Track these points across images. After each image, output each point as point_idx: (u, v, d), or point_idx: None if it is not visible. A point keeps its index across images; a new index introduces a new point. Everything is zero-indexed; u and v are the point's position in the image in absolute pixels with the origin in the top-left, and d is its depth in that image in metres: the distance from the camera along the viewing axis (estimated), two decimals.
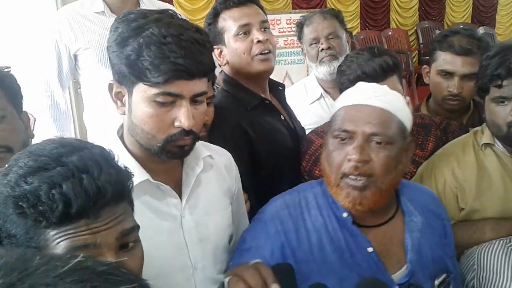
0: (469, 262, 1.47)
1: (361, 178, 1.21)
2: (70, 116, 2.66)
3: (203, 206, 1.35)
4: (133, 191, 0.96)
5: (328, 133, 1.32)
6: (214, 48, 1.88)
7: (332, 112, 1.34)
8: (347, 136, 1.24)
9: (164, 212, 1.28)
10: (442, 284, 1.29)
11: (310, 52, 2.48)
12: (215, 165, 1.42)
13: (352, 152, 1.21)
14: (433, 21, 9.37)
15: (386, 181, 1.23)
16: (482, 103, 2.13)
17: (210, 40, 1.86)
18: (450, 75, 2.07)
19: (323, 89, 2.56)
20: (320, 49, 2.44)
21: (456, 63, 2.05)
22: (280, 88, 2.10)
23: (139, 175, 1.18)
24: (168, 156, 1.23)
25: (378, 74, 1.71)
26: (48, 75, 2.47)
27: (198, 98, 1.20)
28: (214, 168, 1.41)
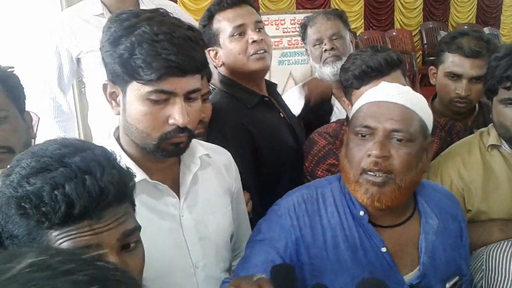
0: (477, 263, 1.47)
1: (380, 174, 1.21)
2: (73, 117, 2.67)
3: (202, 204, 1.35)
4: (135, 190, 0.96)
5: (348, 130, 1.31)
6: (209, 50, 1.89)
7: (354, 109, 1.33)
8: (368, 132, 1.23)
9: (163, 211, 1.28)
10: (453, 287, 1.28)
11: (314, 53, 2.47)
12: (213, 163, 1.42)
13: (372, 148, 1.21)
14: (438, 22, 9.35)
15: (406, 179, 1.22)
16: (487, 105, 2.12)
17: (205, 41, 1.87)
18: (458, 77, 2.05)
19: None
20: (323, 50, 2.43)
21: (464, 65, 2.03)
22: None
23: (136, 175, 1.18)
24: (164, 154, 1.23)
25: (384, 68, 1.71)
26: (49, 79, 2.48)
27: (192, 95, 1.21)
28: (212, 166, 1.41)
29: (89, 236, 0.84)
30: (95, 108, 2.53)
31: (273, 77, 4.05)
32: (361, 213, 1.27)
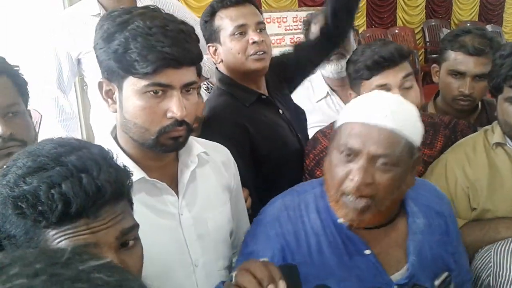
0: (484, 260, 1.46)
1: (361, 201, 1.18)
2: (76, 116, 2.66)
3: (200, 202, 1.35)
4: (132, 188, 0.95)
5: (332, 143, 1.28)
6: (209, 46, 1.89)
7: (340, 122, 1.28)
8: (352, 153, 1.20)
9: (161, 210, 1.27)
10: (442, 284, 1.27)
11: None
12: (211, 161, 1.41)
13: (355, 173, 1.17)
14: (440, 19, 9.33)
15: (386, 203, 1.20)
16: (490, 103, 2.12)
17: (206, 37, 1.87)
18: (461, 75, 2.04)
19: (330, 87, 2.55)
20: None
21: (468, 63, 2.02)
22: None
23: (135, 173, 1.18)
24: (163, 149, 1.23)
25: (395, 57, 1.72)
26: (49, 81, 2.48)
27: (188, 88, 1.21)
28: (210, 164, 1.41)
29: (86, 235, 0.84)
30: (97, 108, 2.53)
31: None
32: (339, 220, 1.25)
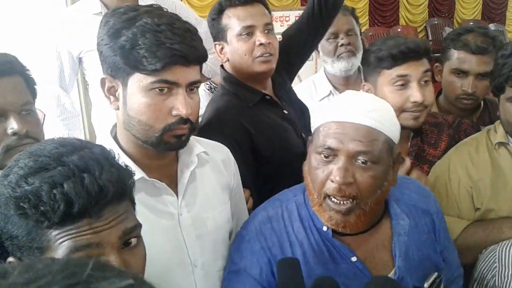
0: (489, 260, 1.45)
1: (344, 202, 1.17)
2: (78, 115, 2.66)
3: (200, 202, 1.34)
4: (134, 189, 0.95)
5: (310, 146, 1.26)
6: (215, 44, 1.88)
7: (316, 124, 1.26)
8: (330, 154, 1.18)
9: (161, 210, 1.27)
10: (432, 285, 1.25)
11: (327, 47, 2.45)
12: (211, 160, 1.41)
13: (335, 174, 1.16)
14: (443, 18, 9.32)
15: (370, 202, 1.18)
16: (492, 102, 2.11)
17: (213, 35, 1.86)
18: (464, 74, 2.04)
19: (333, 86, 2.54)
20: (339, 44, 2.41)
21: (471, 62, 2.01)
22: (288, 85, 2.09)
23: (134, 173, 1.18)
24: (166, 147, 1.23)
25: (421, 50, 1.72)
26: (50, 79, 2.48)
27: (192, 87, 1.21)
28: (210, 164, 1.41)
29: (89, 235, 0.84)
30: (98, 106, 2.53)
31: None
32: (325, 228, 1.24)
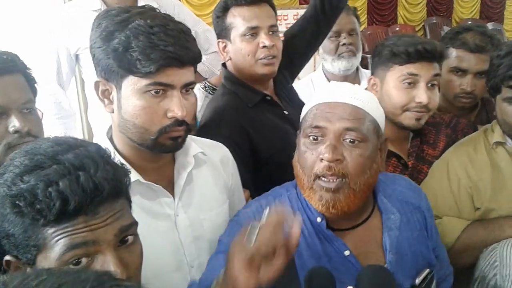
0: (490, 259, 1.45)
1: (334, 180, 1.17)
2: (74, 114, 2.65)
3: (197, 203, 1.34)
4: (130, 187, 0.95)
5: (299, 134, 1.27)
6: (218, 42, 1.87)
7: (304, 112, 1.29)
8: (319, 134, 1.19)
9: (157, 212, 1.27)
10: (424, 281, 1.25)
11: (329, 45, 2.45)
12: (208, 161, 1.40)
13: (324, 151, 1.16)
14: (441, 17, 9.32)
15: (360, 182, 1.19)
16: (490, 100, 2.11)
17: (216, 32, 1.85)
18: (463, 72, 2.04)
19: None
20: (341, 44, 2.42)
21: (470, 60, 2.02)
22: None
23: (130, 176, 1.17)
24: (162, 150, 1.22)
25: (436, 53, 1.70)
26: (47, 76, 2.46)
27: (187, 88, 1.21)
28: (207, 164, 1.40)
29: (85, 232, 0.84)
30: (95, 105, 2.51)
31: None
32: (319, 219, 1.24)
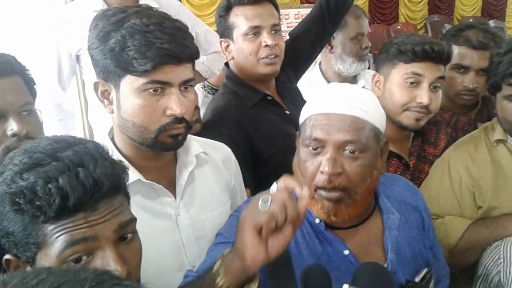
0: (494, 256, 1.45)
1: (335, 192, 1.17)
2: (74, 115, 2.66)
3: (199, 203, 1.33)
4: (128, 184, 0.96)
5: (298, 140, 1.27)
6: (221, 41, 1.87)
7: (302, 118, 1.27)
8: (318, 145, 1.18)
9: (158, 211, 1.27)
10: (423, 280, 1.25)
11: (352, 47, 2.45)
12: (210, 160, 1.40)
13: (324, 165, 1.16)
14: (443, 15, 9.31)
15: (360, 191, 1.19)
16: (490, 98, 2.10)
17: (219, 32, 1.86)
18: (465, 69, 2.03)
19: (328, 83, 2.54)
20: (363, 46, 2.45)
21: (472, 57, 2.01)
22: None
23: (131, 175, 1.17)
24: (162, 148, 1.22)
25: (443, 55, 1.69)
26: (48, 78, 2.46)
27: (186, 85, 1.20)
28: (209, 164, 1.40)
29: (85, 228, 0.85)
30: (95, 106, 2.51)
31: None
32: (317, 220, 1.24)
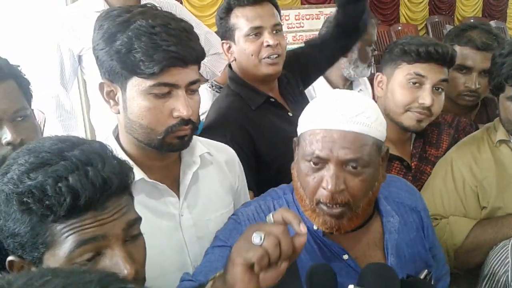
0: (501, 256, 1.44)
1: (337, 207, 1.16)
2: (76, 116, 2.66)
3: (202, 203, 1.34)
4: (133, 184, 0.96)
5: (298, 151, 1.25)
6: (222, 43, 1.87)
7: (302, 128, 1.24)
8: (320, 161, 1.17)
9: (162, 211, 1.27)
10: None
11: (367, 54, 2.49)
12: (214, 161, 1.40)
13: (328, 182, 1.14)
14: (443, 16, 9.28)
15: (363, 205, 1.18)
16: (490, 99, 2.11)
17: (220, 34, 1.86)
18: (468, 70, 2.03)
19: (332, 88, 2.55)
20: (374, 53, 2.52)
21: (475, 58, 2.01)
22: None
23: (135, 174, 1.17)
24: (169, 149, 1.22)
25: (447, 58, 1.69)
26: (51, 78, 2.47)
27: (192, 87, 1.20)
28: (213, 165, 1.40)
29: (94, 227, 0.85)
30: (97, 106, 2.52)
31: None
32: (315, 227, 1.23)
